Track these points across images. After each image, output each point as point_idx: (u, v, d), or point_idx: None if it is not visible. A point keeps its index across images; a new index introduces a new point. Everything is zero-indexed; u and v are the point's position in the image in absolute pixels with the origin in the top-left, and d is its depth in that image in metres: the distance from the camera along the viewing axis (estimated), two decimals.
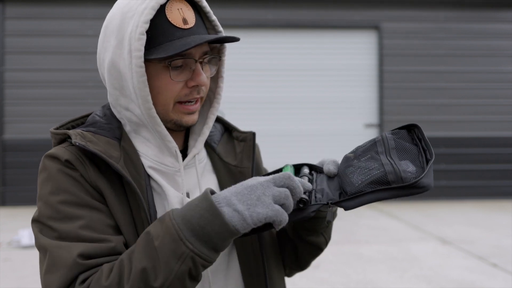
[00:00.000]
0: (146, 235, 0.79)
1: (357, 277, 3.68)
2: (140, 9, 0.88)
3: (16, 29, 6.92)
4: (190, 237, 0.77)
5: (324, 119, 7.29)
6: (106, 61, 0.93)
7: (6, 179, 6.87)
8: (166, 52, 0.87)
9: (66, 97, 6.92)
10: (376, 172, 0.85)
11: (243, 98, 6.91)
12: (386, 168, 0.84)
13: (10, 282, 3.56)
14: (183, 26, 0.90)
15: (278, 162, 2.46)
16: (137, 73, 0.88)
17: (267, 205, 0.77)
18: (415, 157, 0.87)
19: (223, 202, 0.78)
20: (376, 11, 7.25)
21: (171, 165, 0.97)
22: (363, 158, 0.90)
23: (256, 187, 0.79)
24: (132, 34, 0.87)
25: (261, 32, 7.21)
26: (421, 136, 0.90)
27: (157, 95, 0.92)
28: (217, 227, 0.77)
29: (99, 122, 0.98)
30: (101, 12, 6.92)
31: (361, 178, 0.86)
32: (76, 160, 0.89)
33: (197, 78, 0.92)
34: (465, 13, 7.38)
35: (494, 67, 7.38)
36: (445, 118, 7.32)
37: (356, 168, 0.89)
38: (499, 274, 3.73)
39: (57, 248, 0.82)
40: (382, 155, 0.88)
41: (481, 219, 5.91)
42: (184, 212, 0.79)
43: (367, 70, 7.34)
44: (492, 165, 7.34)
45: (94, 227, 0.85)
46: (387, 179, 0.83)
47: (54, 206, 0.86)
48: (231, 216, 0.77)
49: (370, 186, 0.84)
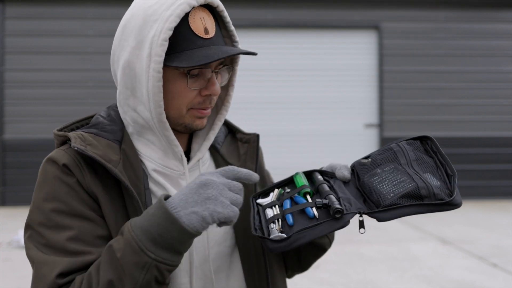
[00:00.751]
0: (109, 248, 0.81)
1: (357, 277, 3.68)
2: (166, 15, 0.88)
3: (16, 29, 6.92)
4: (150, 246, 0.79)
5: (324, 119, 7.29)
6: (122, 60, 0.94)
7: (6, 179, 6.87)
8: (187, 62, 0.88)
9: (66, 97, 6.92)
10: (408, 186, 0.86)
11: (242, 98, 6.91)
12: (418, 183, 0.86)
13: (10, 282, 3.56)
14: (204, 35, 0.92)
15: (278, 162, 2.46)
16: (154, 78, 0.88)
17: (227, 206, 0.80)
18: (434, 170, 0.90)
19: (179, 207, 0.80)
20: (376, 11, 7.25)
21: (175, 168, 0.98)
22: (386, 168, 0.92)
23: (212, 186, 0.82)
24: (155, 39, 0.88)
25: (261, 32, 7.21)
26: (435, 149, 0.93)
27: (171, 99, 0.93)
28: (175, 233, 0.79)
29: (102, 123, 0.99)
30: (101, 12, 6.93)
31: (392, 190, 0.87)
32: (74, 165, 0.91)
33: (212, 88, 0.94)
34: (465, 13, 7.38)
35: (494, 67, 7.38)
36: (445, 118, 7.32)
37: (383, 178, 0.90)
38: (499, 274, 3.73)
39: (42, 264, 0.85)
40: (406, 166, 0.91)
41: (481, 219, 5.91)
42: (142, 222, 0.81)
43: (367, 70, 7.34)
44: (492, 165, 7.34)
45: (82, 238, 0.87)
46: (420, 194, 0.85)
47: (46, 213, 0.88)
48: (189, 219, 0.79)
49: (403, 199, 0.86)
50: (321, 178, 0.98)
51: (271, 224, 0.89)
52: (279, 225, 0.88)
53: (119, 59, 0.95)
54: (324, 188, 0.94)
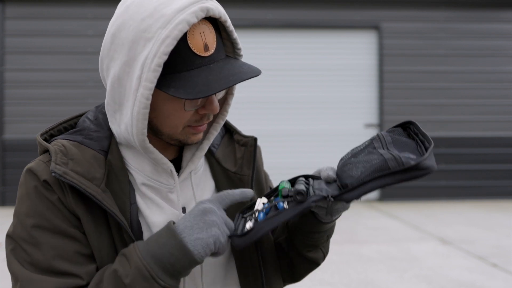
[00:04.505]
0: (113, 274, 0.80)
1: (358, 277, 3.68)
2: (162, 36, 0.79)
3: (16, 29, 6.92)
4: (161, 275, 0.80)
5: (324, 119, 7.29)
6: (111, 73, 0.86)
7: (6, 179, 6.87)
8: (185, 92, 0.80)
9: (66, 97, 6.92)
10: (376, 162, 0.81)
11: (241, 98, 6.90)
12: (385, 156, 0.81)
13: (10, 282, 3.56)
14: (203, 53, 0.83)
15: (278, 162, 2.46)
16: (141, 103, 0.81)
17: (225, 238, 0.83)
18: (414, 149, 0.85)
19: (184, 233, 0.81)
20: (376, 11, 7.25)
21: (165, 182, 0.93)
22: (359, 155, 0.88)
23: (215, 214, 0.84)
24: (148, 61, 0.79)
25: (261, 32, 7.21)
26: (417, 131, 0.89)
27: (165, 118, 0.87)
28: (186, 263, 0.81)
29: (88, 128, 0.93)
30: (101, 12, 6.93)
31: (360, 170, 0.83)
32: (55, 182, 0.86)
33: (209, 107, 0.88)
34: (465, 13, 7.38)
35: (494, 67, 7.38)
36: (445, 118, 7.32)
37: (354, 164, 0.86)
38: (499, 274, 3.73)
39: (28, 283, 0.82)
40: (380, 149, 0.85)
41: (481, 219, 5.91)
42: (154, 250, 0.81)
43: (367, 70, 7.34)
44: (492, 165, 7.34)
45: (66, 257, 0.83)
46: (387, 166, 0.79)
47: (28, 229, 0.84)
48: (194, 245, 0.80)
49: (371, 175, 0.80)
50: (302, 179, 0.94)
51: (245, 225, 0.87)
52: (250, 223, 0.86)
53: (108, 69, 0.87)
54: (298, 183, 0.90)
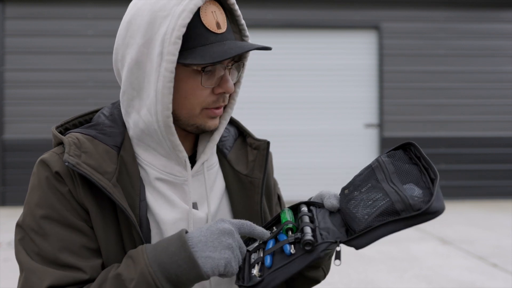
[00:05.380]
0: (117, 277, 0.80)
1: (358, 277, 3.68)
2: (177, 11, 0.83)
3: (16, 29, 6.92)
4: (166, 284, 0.79)
5: (324, 119, 7.29)
6: (128, 59, 0.88)
7: (6, 179, 6.87)
8: (202, 58, 0.84)
9: (66, 97, 6.92)
10: (382, 203, 0.79)
11: (241, 98, 6.88)
12: (391, 197, 0.78)
13: (10, 282, 3.56)
14: (216, 30, 0.87)
15: (277, 162, 2.46)
16: (165, 78, 0.83)
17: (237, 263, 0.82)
18: (418, 178, 0.82)
19: (197, 247, 0.80)
20: (376, 11, 7.25)
21: (179, 174, 0.94)
22: (363, 188, 0.85)
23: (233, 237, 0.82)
24: (167, 36, 0.82)
25: (261, 32, 7.20)
26: (419, 154, 0.85)
27: (183, 99, 0.89)
28: (192, 277, 0.79)
29: (102, 123, 0.95)
30: (101, 12, 6.93)
31: (367, 211, 0.80)
32: (67, 174, 0.87)
33: (225, 85, 0.89)
34: (465, 13, 7.38)
35: (494, 67, 7.38)
36: (445, 118, 7.32)
37: (359, 201, 0.83)
38: (499, 274, 3.73)
39: (31, 273, 0.83)
40: (384, 182, 0.83)
41: (481, 219, 5.91)
42: (161, 258, 0.79)
43: (367, 70, 7.34)
44: (492, 165, 7.34)
45: (72, 249, 0.84)
46: (395, 209, 0.77)
47: (37, 220, 0.85)
48: (204, 263, 0.79)
49: (378, 219, 0.78)
50: (305, 209, 0.91)
51: (252, 269, 0.85)
52: (257, 269, 0.84)
53: (124, 57, 0.89)
54: (303, 220, 0.87)
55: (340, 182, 1.30)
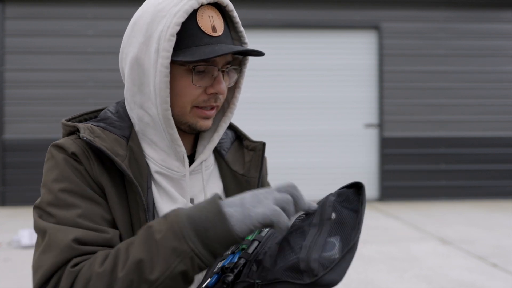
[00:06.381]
0: (147, 229, 0.80)
1: (358, 277, 3.68)
2: (174, 11, 0.89)
3: (16, 29, 6.92)
4: (193, 237, 0.77)
5: (324, 119, 7.29)
6: (130, 56, 0.94)
7: (6, 179, 6.87)
8: (192, 56, 0.89)
9: (66, 97, 6.92)
10: (293, 257, 0.78)
11: (241, 98, 6.86)
12: (301, 254, 0.78)
13: (10, 282, 3.56)
14: (211, 33, 0.92)
15: (277, 162, 2.45)
16: (161, 73, 0.89)
17: (266, 205, 0.78)
18: (349, 230, 0.81)
19: (227, 202, 0.79)
20: (376, 11, 7.25)
21: (177, 169, 0.98)
22: (299, 230, 0.83)
23: (260, 192, 0.81)
24: (163, 34, 0.88)
25: (261, 32, 7.20)
26: (362, 200, 0.84)
27: (176, 96, 0.93)
28: (220, 232, 0.77)
29: (110, 118, 0.99)
30: (101, 12, 6.93)
31: (282, 260, 0.80)
32: (82, 154, 0.91)
33: (217, 86, 0.93)
34: (465, 13, 7.38)
35: (494, 67, 7.38)
36: (445, 118, 7.32)
37: (286, 244, 0.82)
38: (499, 274, 3.73)
39: (55, 230, 0.84)
40: (314, 228, 0.81)
41: (481, 219, 5.91)
42: (191, 212, 0.79)
43: (367, 70, 7.34)
44: (492, 165, 7.34)
45: (92, 218, 0.87)
46: (299, 268, 0.77)
47: (55, 193, 0.88)
48: (232, 214, 0.78)
49: (284, 273, 0.78)
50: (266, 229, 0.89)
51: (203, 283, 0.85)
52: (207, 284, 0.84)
53: (127, 55, 0.95)
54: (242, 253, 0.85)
55: (340, 182, 1.30)
